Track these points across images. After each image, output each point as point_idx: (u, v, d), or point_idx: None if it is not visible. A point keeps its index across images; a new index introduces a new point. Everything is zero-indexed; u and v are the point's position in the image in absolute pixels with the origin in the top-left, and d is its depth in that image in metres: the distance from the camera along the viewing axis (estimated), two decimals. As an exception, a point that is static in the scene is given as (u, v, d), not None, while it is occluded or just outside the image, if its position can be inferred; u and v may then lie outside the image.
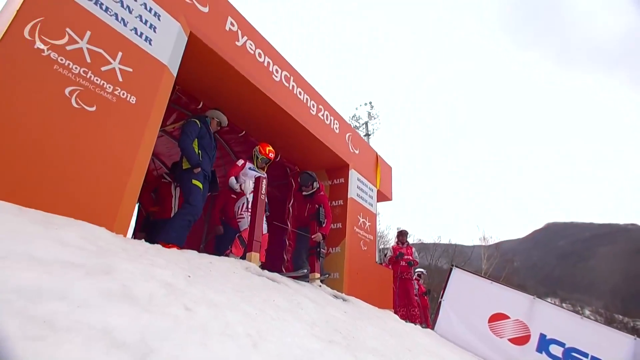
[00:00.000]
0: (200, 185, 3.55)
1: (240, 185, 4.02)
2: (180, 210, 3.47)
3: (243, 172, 4.17)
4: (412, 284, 7.35)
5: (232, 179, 4.10)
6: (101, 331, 0.92)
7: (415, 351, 2.80)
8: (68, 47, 2.47)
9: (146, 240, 2.55)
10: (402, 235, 7.57)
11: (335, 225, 5.47)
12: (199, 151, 3.69)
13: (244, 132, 5.20)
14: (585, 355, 4.29)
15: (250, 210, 3.77)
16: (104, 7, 2.74)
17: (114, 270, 1.41)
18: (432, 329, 5.22)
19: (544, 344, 4.52)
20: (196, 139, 3.72)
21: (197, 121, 3.77)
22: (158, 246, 2.38)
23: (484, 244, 20.98)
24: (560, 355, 4.40)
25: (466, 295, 5.18)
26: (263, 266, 3.36)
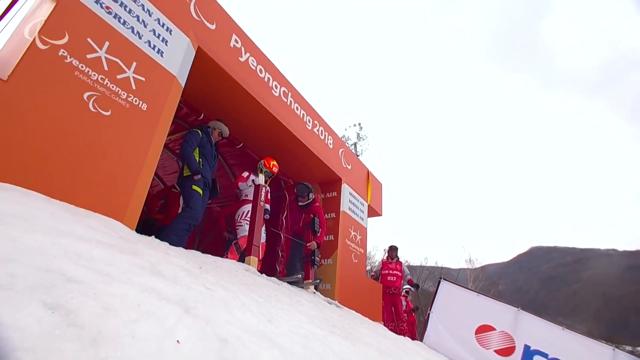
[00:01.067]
0: (200, 191, 3.69)
1: (253, 181, 4.20)
2: (180, 214, 3.59)
3: (247, 184, 4.34)
4: (400, 299, 7.44)
5: (242, 184, 4.30)
6: (149, 288, 1.06)
7: (408, 352, 2.93)
8: (88, 56, 2.64)
9: None
10: (392, 250, 7.71)
11: (327, 237, 5.61)
12: (200, 159, 3.85)
13: (241, 144, 5.37)
14: (567, 365, 4.45)
15: (248, 218, 3.91)
16: (122, 21, 2.93)
17: (140, 253, 1.55)
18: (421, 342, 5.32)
19: (528, 355, 4.67)
20: (197, 148, 3.88)
21: (199, 131, 3.95)
22: (166, 243, 2.50)
23: (470, 266, 21.17)
24: (543, 366, 4.55)
25: (454, 308, 5.32)
26: (258, 274, 3.48)
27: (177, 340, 0.85)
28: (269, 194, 4.09)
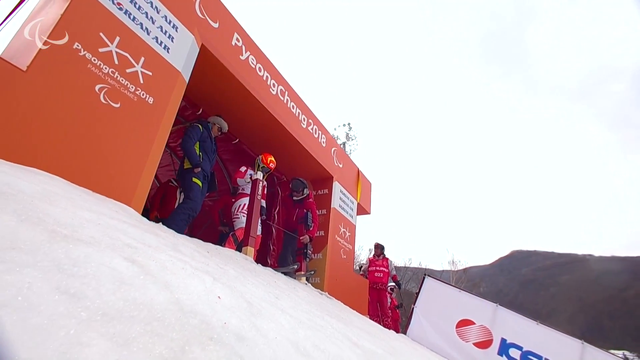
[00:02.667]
0: (200, 183, 3.84)
1: (251, 176, 4.33)
2: (181, 204, 3.73)
3: (245, 180, 4.49)
4: (386, 295, 7.69)
5: (240, 180, 4.44)
6: (181, 260, 1.23)
7: (392, 338, 3.15)
8: (100, 49, 2.76)
9: None
10: (378, 248, 7.96)
11: (318, 233, 5.80)
12: (200, 153, 3.98)
13: (237, 140, 5.51)
14: (540, 357, 4.76)
15: (245, 211, 4.06)
16: (132, 17, 3.06)
17: (159, 234, 1.71)
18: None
19: (504, 347, 4.96)
20: (198, 142, 4.01)
21: (200, 126, 4.08)
22: (172, 230, 2.65)
23: (452, 268, 21.62)
24: (518, 358, 4.85)
25: (437, 303, 5.58)
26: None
27: (218, 296, 1.03)
28: (265, 189, 4.25)
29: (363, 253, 21.07)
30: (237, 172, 4.61)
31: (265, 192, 4.29)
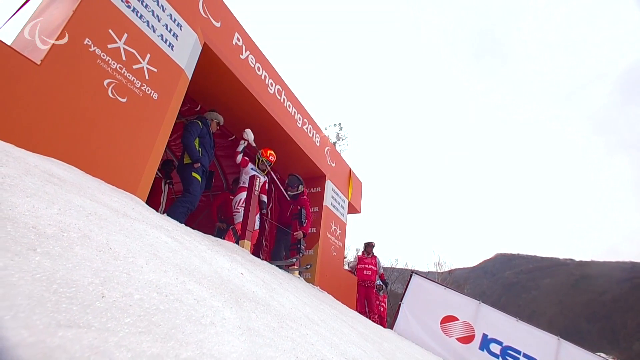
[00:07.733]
0: (199, 178, 3.95)
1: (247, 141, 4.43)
2: (180, 198, 3.84)
3: (245, 171, 4.59)
4: (373, 292, 7.88)
5: (244, 169, 4.55)
6: (201, 243, 1.37)
7: (381, 329, 3.32)
8: (109, 45, 2.86)
9: None
10: (368, 246, 8.13)
11: (310, 229, 5.95)
12: (200, 149, 4.09)
13: (234, 136, 5.62)
14: (518, 352, 5.02)
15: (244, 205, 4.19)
16: (139, 15, 3.16)
17: (172, 222, 1.83)
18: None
19: (485, 342, 5.20)
20: (197, 138, 4.12)
21: (199, 122, 4.19)
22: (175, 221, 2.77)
23: (438, 269, 21.98)
24: (498, 353, 5.09)
25: (423, 299, 5.80)
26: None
27: (241, 273, 1.17)
28: (266, 185, 4.38)
29: (350, 253, 21.24)
30: (242, 160, 4.69)
31: (266, 186, 4.42)
